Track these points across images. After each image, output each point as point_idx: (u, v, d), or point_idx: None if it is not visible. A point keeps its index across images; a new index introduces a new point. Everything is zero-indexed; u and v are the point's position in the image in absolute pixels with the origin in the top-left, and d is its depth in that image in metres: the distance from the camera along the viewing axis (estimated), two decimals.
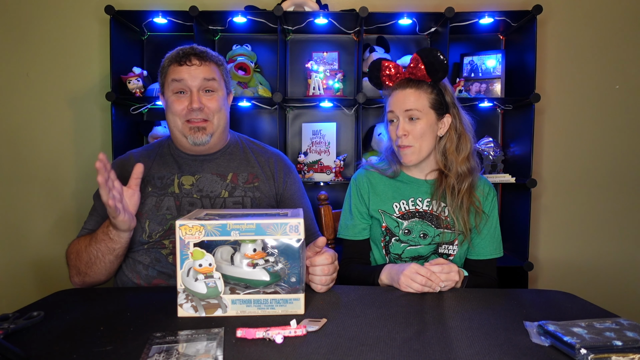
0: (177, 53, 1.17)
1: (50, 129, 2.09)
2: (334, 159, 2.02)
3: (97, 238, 1.03)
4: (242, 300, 0.83)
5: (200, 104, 1.14)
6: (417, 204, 1.23)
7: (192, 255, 0.82)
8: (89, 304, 0.91)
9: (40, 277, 2.12)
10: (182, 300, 0.83)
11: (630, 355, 0.64)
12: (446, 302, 0.92)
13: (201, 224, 0.81)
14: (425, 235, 1.22)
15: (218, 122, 1.18)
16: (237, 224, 0.81)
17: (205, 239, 0.81)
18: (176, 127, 1.17)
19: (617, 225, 2.14)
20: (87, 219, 1.18)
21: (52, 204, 2.10)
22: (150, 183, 1.17)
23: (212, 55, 1.20)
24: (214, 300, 0.83)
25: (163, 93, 1.21)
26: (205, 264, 0.82)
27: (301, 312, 0.84)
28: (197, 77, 1.14)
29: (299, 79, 2.13)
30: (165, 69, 1.18)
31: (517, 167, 1.97)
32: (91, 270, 1.06)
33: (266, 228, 0.81)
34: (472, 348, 0.70)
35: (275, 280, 0.83)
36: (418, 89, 1.19)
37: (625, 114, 2.11)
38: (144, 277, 1.11)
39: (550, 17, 2.07)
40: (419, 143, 1.19)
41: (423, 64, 1.16)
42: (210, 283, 0.83)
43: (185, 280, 0.82)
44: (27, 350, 0.69)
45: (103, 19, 2.03)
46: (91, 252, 1.04)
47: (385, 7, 2.07)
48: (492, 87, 2.01)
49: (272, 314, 0.84)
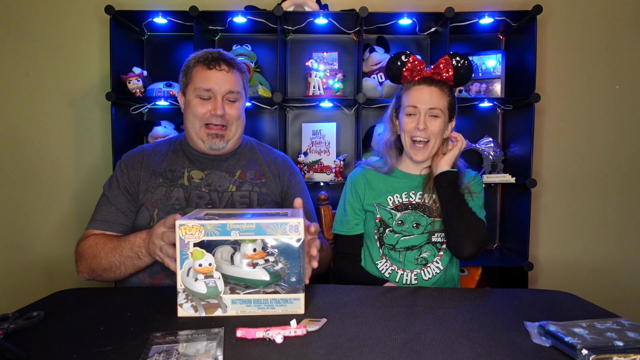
0: (206, 55, 1.19)
1: (50, 129, 2.09)
2: (334, 159, 2.02)
3: (123, 252, 1.05)
4: (242, 300, 0.83)
5: (223, 111, 1.17)
6: (411, 197, 1.29)
7: (192, 255, 0.81)
8: (89, 304, 0.91)
9: (40, 277, 2.11)
10: (182, 300, 0.83)
11: (632, 355, 0.64)
12: (446, 303, 0.92)
13: (201, 223, 0.81)
14: (418, 224, 1.26)
15: (236, 129, 1.23)
16: (237, 224, 0.81)
17: (205, 238, 0.81)
18: (194, 130, 1.21)
19: (617, 225, 2.14)
20: (97, 210, 1.19)
21: (52, 204, 2.10)
22: (162, 175, 1.21)
23: (238, 62, 1.24)
24: (214, 300, 0.83)
25: (184, 91, 1.24)
26: (205, 264, 0.82)
27: (301, 312, 0.84)
28: (224, 85, 1.18)
29: (299, 79, 2.12)
30: (191, 69, 1.21)
31: (517, 167, 1.97)
32: (106, 274, 1.09)
33: (266, 228, 0.81)
34: (473, 349, 0.70)
35: (275, 280, 0.83)
36: (441, 90, 1.25)
37: (625, 114, 2.11)
38: (148, 272, 1.12)
39: (550, 17, 2.07)
40: (433, 140, 1.25)
41: (453, 67, 1.21)
42: (210, 283, 0.83)
43: (185, 280, 0.82)
44: (27, 350, 0.69)
45: (103, 19, 2.03)
46: (113, 262, 1.06)
47: (385, 7, 2.07)
48: (492, 87, 2.01)
49: (272, 313, 0.84)
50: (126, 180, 1.20)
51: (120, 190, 1.19)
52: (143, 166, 1.22)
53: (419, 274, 1.26)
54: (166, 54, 2.11)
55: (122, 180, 1.20)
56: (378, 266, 1.29)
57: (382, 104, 1.98)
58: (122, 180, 1.20)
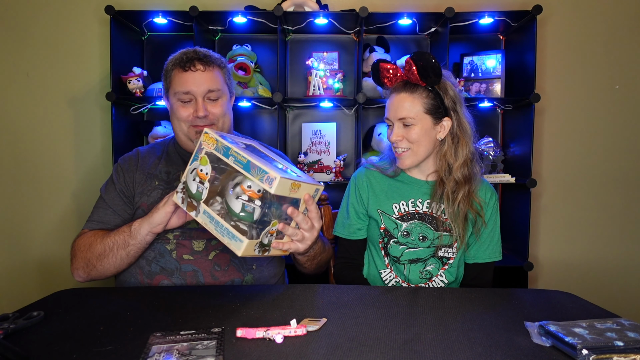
0: (181, 58, 1.18)
1: (50, 129, 2.09)
2: (334, 159, 2.02)
3: (118, 230, 1.07)
4: (210, 215, 0.88)
5: (206, 112, 1.15)
6: (417, 205, 1.22)
7: (201, 160, 0.91)
8: (89, 304, 0.91)
9: (40, 277, 2.11)
10: (180, 192, 0.93)
11: (632, 355, 0.64)
12: (447, 303, 0.92)
13: (217, 139, 0.90)
14: (425, 237, 1.20)
15: (222, 126, 1.21)
16: (237, 152, 0.86)
17: (212, 151, 0.90)
18: (182, 132, 1.20)
19: (617, 225, 2.14)
20: (94, 211, 1.19)
21: (52, 204, 2.10)
22: (158, 177, 1.20)
23: (215, 59, 1.20)
24: (195, 203, 0.90)
25: (167, 95, 1.23)
26: (206, 171, 0.90)
27: (238, 254, 0.85)
28: (202, 85, 1.15)
29: (299, 79, 2.12)
30: (169, 73, 1.20)
31: (517, 167, 1.97)
32: (101, 263, 1.08)
33: (252, 167, 0.84)
34: (473, 349, 0.70)
35: (245, 219, 0.85)
36: (413, 94, 1.15)
37: (625, 114, 2.11)
38: (147, 273, 1.12)
39: (550, 17, 2.07)
40: (415, 147, 1.17)
41: (416, 67, 1.12)
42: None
43: (189, 180, 0.92)
44: (27, 350, 0.69)
45: (103, 19, 2.03)
46: (106, 244, 1.06)
47: (385, 7, 2.07)
48: (492, 87, 2.01)
49: (218, 238, 0.87)
50: (122, 183, 1.19)
51: (116, 193, 1.19)
52: (138, 169, 1.21)
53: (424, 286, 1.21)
54: (166, 54, 2.04)
55: (118, 183, 1.20)
56: (382, 275, 1.25)
57: (382, 104, 1.98)
58: (118, 183, 1.20)
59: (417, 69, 1.12)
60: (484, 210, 1.21)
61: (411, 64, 1.13)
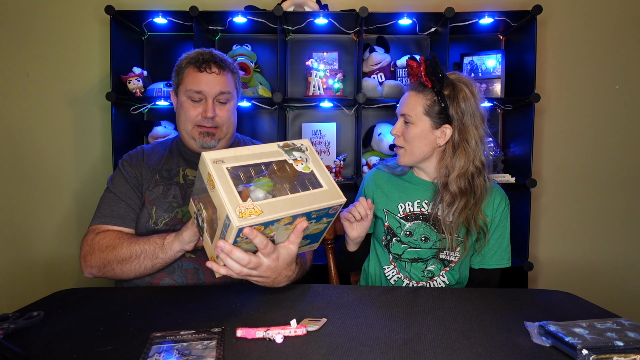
0: (197, 57, 1.20)
1: (50, 129, 2.09)
2: (334, 159, 2.01)
3: (149, 239, 1.05)
4: None
5: (214, 113, 1.18)
6: (423, 206, 1.22)
7: None
8: (89, 304, 0.91)
9: (40, 277, 2.11)
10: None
11: (632, 355, 0.64)
12: (447, 303, 0.92)
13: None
14: (427, 239, 1.21)
15: (227, 129, 1.24)
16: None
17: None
18: (186, 130, 1.22)
19: (617, 225, 2.14)
20: (103, 206, 1.17)
21: (52, 203, 2.10)
22: (159, 173, 1.22)
23: (229, 63, 1.24)
24: None
25: (176, 92, 1.25)
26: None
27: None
28: (215, 87, 1.18)
29: (299, 79, 2.12)
30: (183, 70, 1.21)
31: (517, 167, 1.97)
32: (121, 267, 1.05)
33: None
34: (474, 349, 0.70)
35: None
36: (419, 93, 1.17)
37: (625, 114, 2.11)
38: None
39: (550, 17, 2.07)
40: (409, 147, 1.18)
41: (424, 66, 1.14)
42: None
43: None
44: (27, 350, 0.69)
45: (103, 19, 2.03)
46: (134, 250, 1.04)
47: (385, 7, 2.07)
48: (492, 87, 2.01)
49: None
50: (133, 177, 1.21)
51: (129, 186, 1.18)
52: (144, 165, 1.23)
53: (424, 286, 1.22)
54: (166, 54, 2.11)
55: (130, 177, 1.20)
56: (385, 271, 1.26)
57: (382, 104, 1.98)
58: (130, 177, 1.20)
59: (425, 67, 1.15)
60: (492, 216, 1.20)
61: (421, 64, 1.15)
